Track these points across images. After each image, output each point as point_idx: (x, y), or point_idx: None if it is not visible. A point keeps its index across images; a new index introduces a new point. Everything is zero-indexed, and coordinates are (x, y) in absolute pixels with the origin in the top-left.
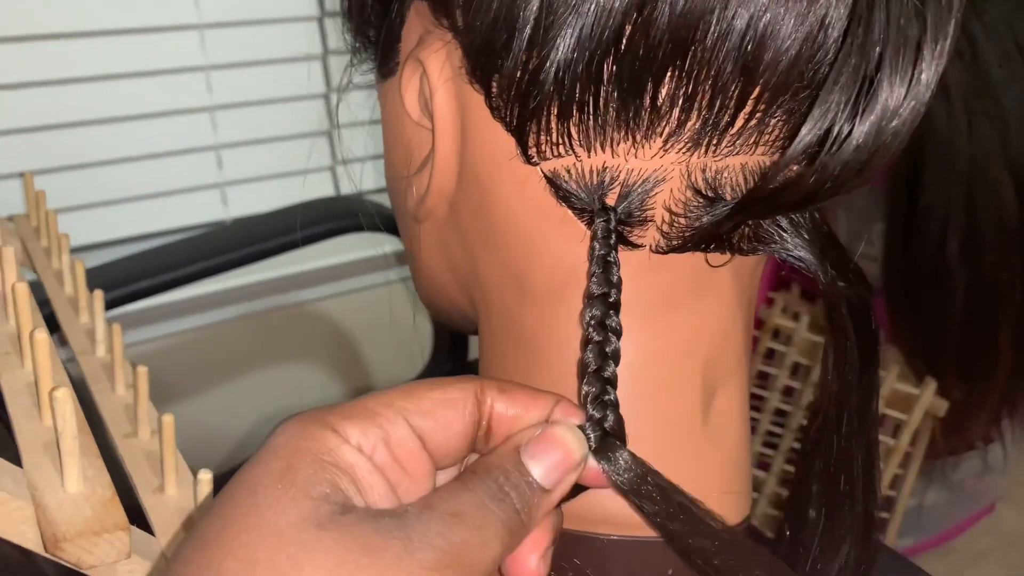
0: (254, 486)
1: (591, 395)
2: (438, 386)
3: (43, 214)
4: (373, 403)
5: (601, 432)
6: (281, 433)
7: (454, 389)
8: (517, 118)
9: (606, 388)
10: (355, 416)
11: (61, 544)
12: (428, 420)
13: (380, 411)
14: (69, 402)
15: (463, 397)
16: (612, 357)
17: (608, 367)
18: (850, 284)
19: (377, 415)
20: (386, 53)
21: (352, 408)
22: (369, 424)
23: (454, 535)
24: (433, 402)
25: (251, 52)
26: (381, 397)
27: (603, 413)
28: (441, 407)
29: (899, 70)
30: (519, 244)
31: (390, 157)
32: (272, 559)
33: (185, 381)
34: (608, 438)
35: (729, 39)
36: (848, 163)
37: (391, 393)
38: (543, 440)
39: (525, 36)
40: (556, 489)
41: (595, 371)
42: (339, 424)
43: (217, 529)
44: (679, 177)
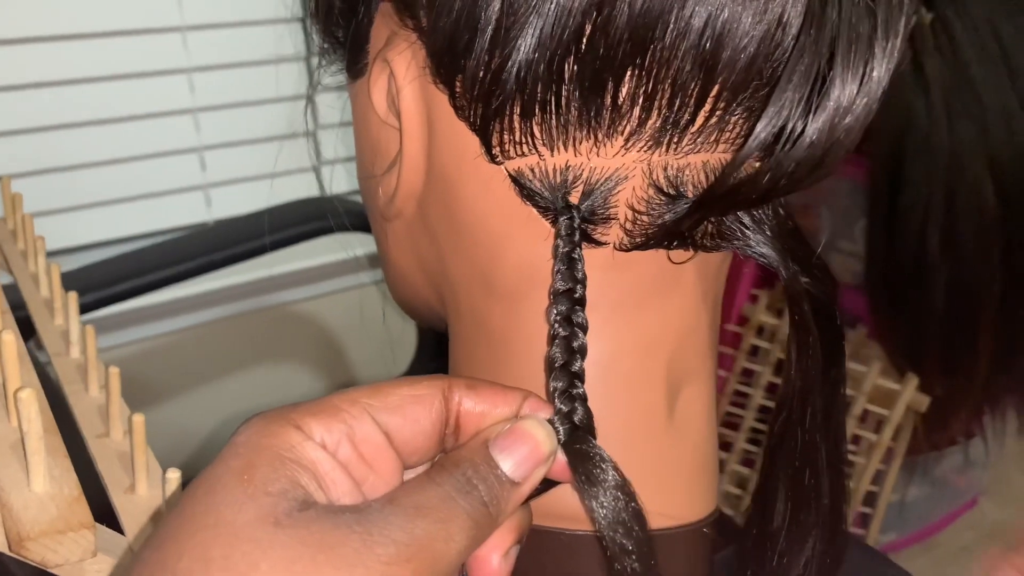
0: (212, 484)
1: (559, 389)
2: (406, 383)
3: (20, 217)
4: (338, 400)
5: (570, 425)
6: (243, 431)
7: (421, 386)
8: (480, 118)
9: (574, 382)
10: (319, 412)
11: (25, 543)
12: (395, 416)
13: (345, 407)
14: (34, 402)
15: (430, 393)
16: (579, 352)
17: (575, 362)
18: (814, 279)
19: (341, 411)
20: (354, 53)
21: (317, 405)
22: (333, 420)
23: (416, 528)
24: (400, 398)
25: (234, 54)
26: (347, 394)
27: (571, 406)
28: (408, 403)
29: (851, 67)
30: (485, 243)
31: (360, 157)
32: (227, 557)
33: (168, 384)
34: (577, 431)
35: (687, 37)
36: (802, 160)
37: (357, 390)
38: (512, 433)
39: (487, 36)
40: (525, 482)
41: (562, 366)
42: (302, 420)
43: (174, 528)
44: (641, 175)
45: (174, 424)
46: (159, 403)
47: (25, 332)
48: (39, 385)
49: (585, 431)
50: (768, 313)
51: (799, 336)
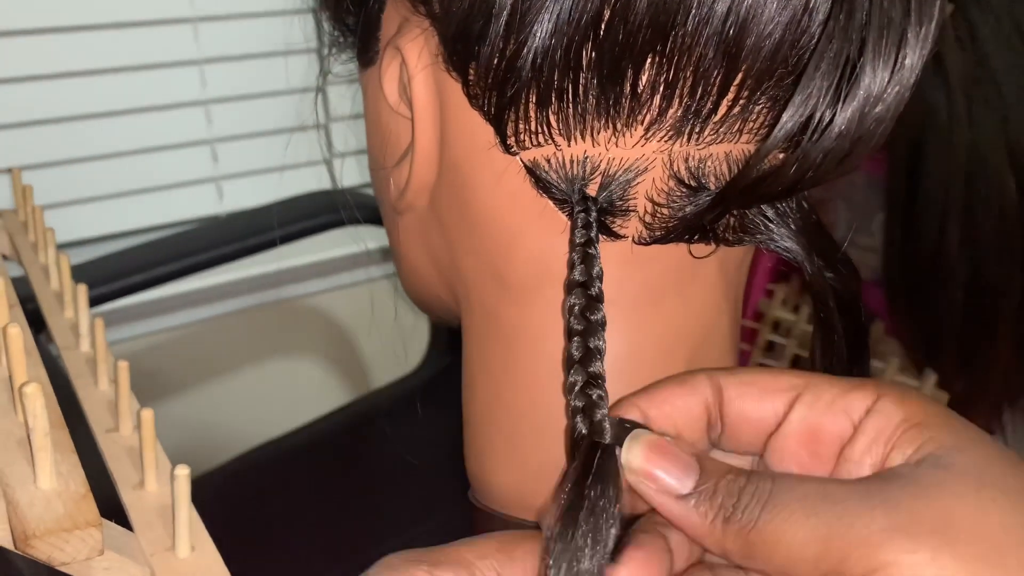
0: None
1: (578, 385)
2: (527, 537)
3: (30, 209)
4: (467, 552)
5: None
6: (379, 572)
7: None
8: (495, 106)
9: (592, 379)
10: (451, 561)
11: (31, 541)
12: (517, 569)
13: (475, 562)
14: (40, 397)
15: None
16: (597, 350)
17: (593, 357)
18: (838, 275)
19: (472, 565)
20: (365, 41)
21: (447, 553)
22: (464, 572)
23: None
24: (526, 551)
25: (246, 45)
26: (476, 548)
27: (588, 402)
28: (532, 558)
29: (882, 54)
30: (498, 236)
31: (372, 148)
32: None
33: (179, 377)
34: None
35: (710, 24)
36: (830, 151)
37: (485, 545)
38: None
39: (502, 22)
40: None
41: (579, 361)
42: (435, 566)
43: None
44: (661, 166)
45: (185, 418)
46: (170, 397)
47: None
48: (47, 379)
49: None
50: (784, 308)
51: (823, 333)
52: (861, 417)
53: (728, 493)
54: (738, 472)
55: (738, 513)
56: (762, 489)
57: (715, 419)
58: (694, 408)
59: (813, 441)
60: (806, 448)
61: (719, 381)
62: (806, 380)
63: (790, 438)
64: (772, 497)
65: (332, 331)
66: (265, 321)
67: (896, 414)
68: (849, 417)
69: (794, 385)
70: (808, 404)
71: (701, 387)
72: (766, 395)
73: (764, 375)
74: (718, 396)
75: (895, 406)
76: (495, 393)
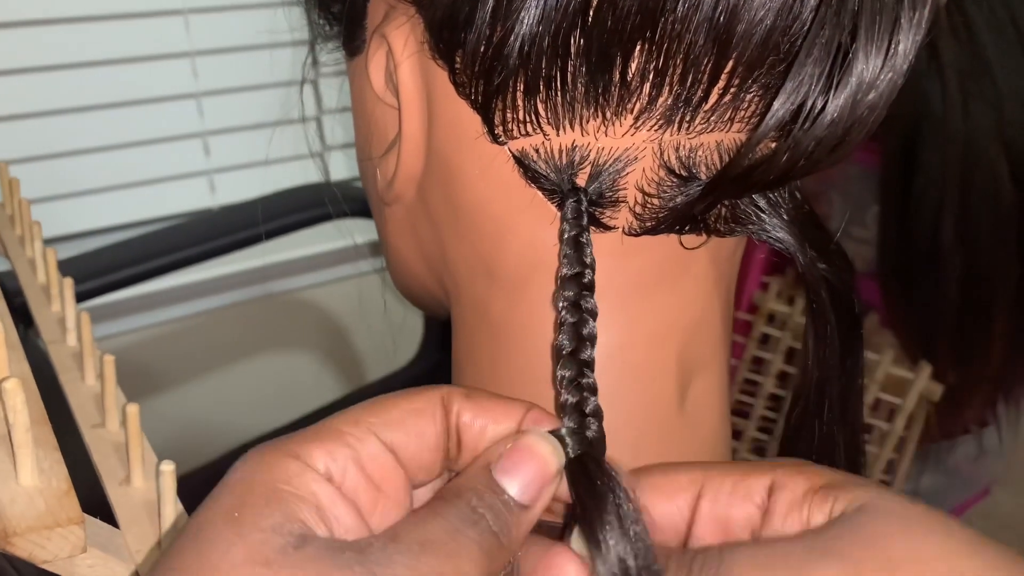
0: (201, 525)
1: (567, 378)
2: (403, 397)
3: (17, 202)
4: (339, 422)
5: (579, 438)
6: (237, 468)
7: (420, 399)
8: (482, 95)
9: (583, 371)
10: (321, 439)
11: (11, 539)
12: (398, 432)
13: (347, 430)
14: (19, 393)
15: (430, 406)
16: (588, 339)
17: (584, 349)
18: (831, 266)
19: (344, 434)
20: (351, 30)
21: (317, 431)
22: (337, 445)
23: (422, 565)
24: (401, 412)
25: (237, 37)
26: (347, 415)
27: (580, 396)
28: (410, 417)
29: (875, 40)
30: (487, 228)
31: (359, 139)
32: None
33: (169, 372)
34: (587, 445)
35: (700, 10)
36: (822, 139)
37: (356, 410)
38: (515, 453)
39: (488, 8)
40: (535, 505)
41: (570, 353)
42: (302, 450)
43: (162, 574)
44: (651, 156)
45: (175, 413)
46: (161, 392)
47: (25, 320)
48: (31, 374)
49: (597, 445)
50: (779, 301)
51: (816, 325)
52: (764, 499)
53: (679, 566)
54: (682, 549)
55: None
56: (711, 556)
57: None
58: None
59: (725, 532)
60: (722, 538)
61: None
62: (701, 475)
63: (704, 535)
64: (724, 562)
65: (324, 325)
66: (256, 315)
67: (799, 483)
68: (752, 501)
69: (693, 481)
70: (710, 500)
71: None
72: (669, 499)
73: (663, 478)
74: None
75: (795, 476)
76: (485, 384)
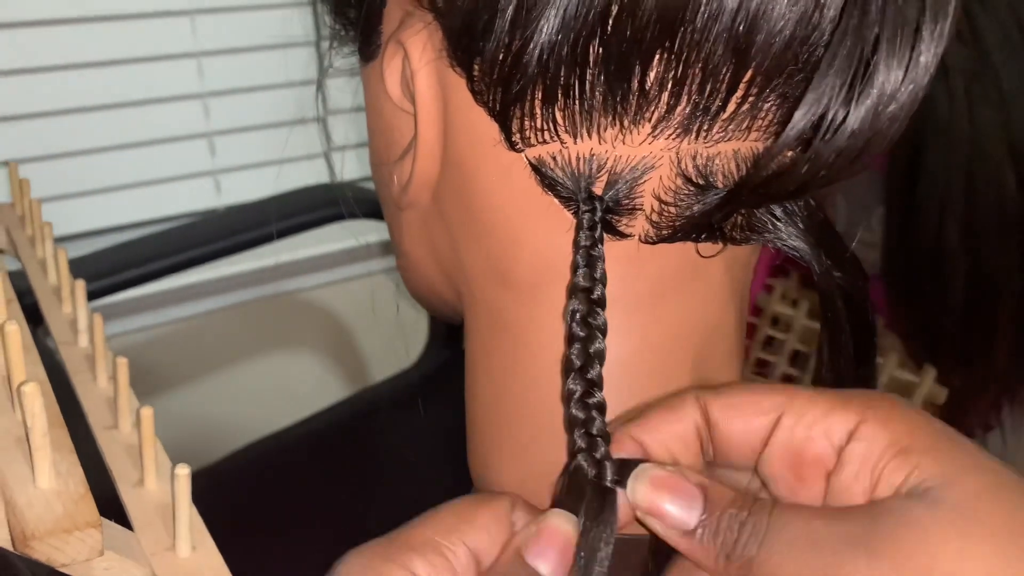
0: None
1: (575, 395)
2: (479, 501)
3: (27, 202)
4: (430, 532)
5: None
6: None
7: (496, 503)
8: (500, 103)
9: (590, 390)
10: (419, 547)
11: (30, 542)
12: (482, 536)
13: (441, 540)
14: (38, 397)
15: (505, 512)
16: (596, 356)
17: (593, 367)
18: (846, 274)
19: (439, 544)
20: (367, 35)
21: (412, 538)
22: (434, 554)
23: None
24: (484, 519)
25: (244, 38)
26: (435, 524)
27: (587, 415)
28: (492, 523)
29: (897, 52)
30: (502, 234)
31: (374, 144)
32: None
33: (178, 372)
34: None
35: (720, 20)
36: (843, 150)
37: (444, 519)
38: (541, 536)
39: (507, 17)
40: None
41: (579, 370)
42: (405, 558)
43: None
44: (669, 164)
45: (183, 412)
46: (168, 391)
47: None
48: (46, 377)
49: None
50: (783, 303)
51: (831, 333)
52: (843, 442)
53: (729, 528)
54: (740, 504)
55: (737, 550)
56: (759, 525)
57: (706, 442)
58: (686, 433)
59: (797, 464)
60: (791, 471)
61: (705, 402)
62: (788, 398)
63: (775, 460)
64: (767, 536)
65: (331, 325)
66: (264, 315)
67: (880, 438)
68: (830, 440)
69: (776, 405)
70: (789, 427)
71: (689, 411)
72: (749, 417)
73: (747, 395)
74: (706, 417)
75: (880, 429)
76: (498, 392)
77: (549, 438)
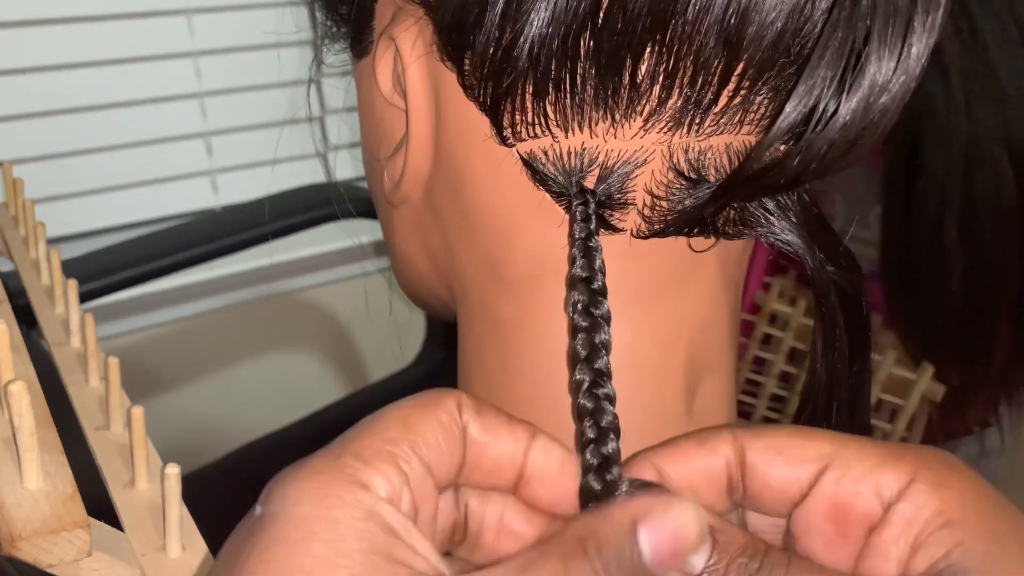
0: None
1: (584, 385)
2: (425, 409)
3: (21, 202)
4: (380, 441)
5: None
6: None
7: (442, 410)
8: (491, 97)
9: (598, 379)
10: (373, 461)
11: (17, 543)
12: (433, 451)
13: (395, 450)
14: (25, 396)
15: (453, 418)
16: (602, 345)
17: (599, 356)
18: (840, 269)
19: (394, 456)
20: (358, 31)
21: (364, 451)
22: (391, 468)
23: None
24: (432, 428)
25: (240, 37)
26: (384, 432)
27: (596, 404)
28: (440, 432)
29: (888, 43)
30: (495, 230)
31: (366, 140)
32: None
33: (172, 372)
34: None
35: (711, 12)
36: (835, 142)
37: (389, 427)
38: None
39: (498, 11)
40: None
41: (585, 360)
42: (365, 476)
43: None
44: (661, 158)
45: (178, 413)
46: (163, 392)
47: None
48: (35, 377)
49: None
50: (781, 301)
51: (825, 328)
52: (893, 499)
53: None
54: (752, 552)
55: None
56: None
57: (736, 482)
58: (714, 469)
59: (840, 519)
60: (832, 525)
61: (743, 442)
62: (836, 448)
63: (816, 512)
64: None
65: (327, 325)
66: (260, 316)
67: (929, 504)
68: (879, 497)
69: (823, 455)
70: (836, 479)
71: (723, 448)
72: (792, 463)
73: (791, 440)
74: (740, 457)
75: (930, 493)
76: (491, 388)
77: None
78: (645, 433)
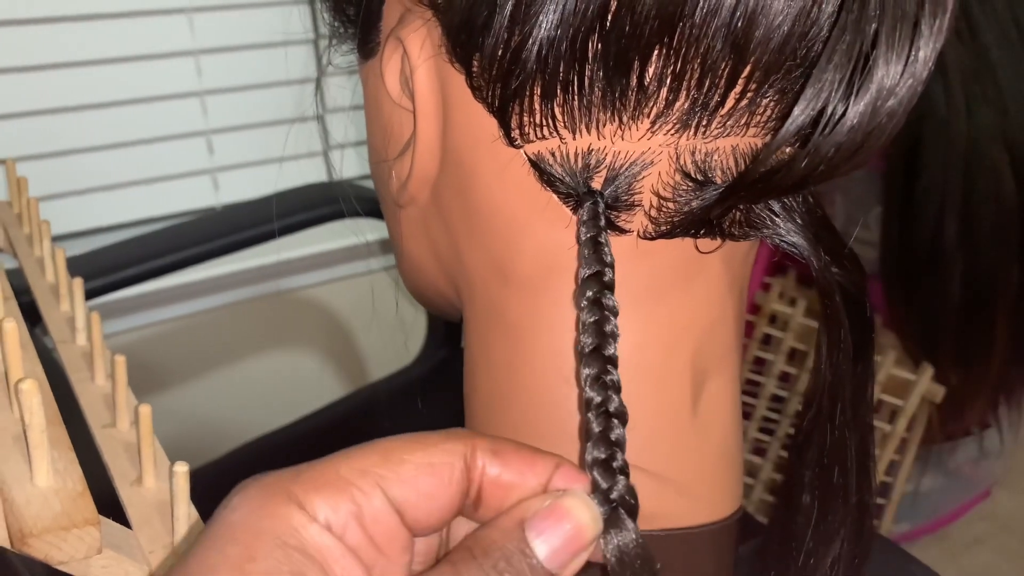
0: (205, 572)
1: (591, 376)
2: (419, 447)
3: (25, 200)
4: (346, 470)
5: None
6: (238, 507)
7: (439, 451)
8: (499, 99)
9: (606, 367)
10: (324, 487)
11: (28, 540)
12: (408, 490)
13: (354, 480)
14: (36, 394)
15: (449, 462)
16: (611, 336)
17: (608, 346)
18: (844, 270)
19: (350, 486)
20: (366, 32)
21: (321, 475)
22: (340, 497)
23: None
24: (415, 468)
25: (241, 36)
26: (355, 462)
27: (605, 395)
28: (423, 475)
29: (896, 47)
30: (502, 230)
31: (372, 141)
32: None
33: (177, 370)
34: (618, 510)
35: (718, 15)
36: (842, 145)
37: (365, 457)
38: (552, 514)
39: (506, 13)
40: (563, 573)
41: (594, 350)
42: (306, 497)
43: None
44: (667, 160)
45: (182, 410)
46: (167, 389)
47: (32, 318)
48: (43, 375)
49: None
50: (780, 302)
51: (829, 329)
52: None
53: None
54: None
55: None
56: None
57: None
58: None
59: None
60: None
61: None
62: None
63: None
64: None
65: (330, 324)
66: (263, 313)
67: None
68: None
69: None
70: None
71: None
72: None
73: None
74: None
75: None
76: (498, 389)
77: (551, 434)
78: (650, 434)
